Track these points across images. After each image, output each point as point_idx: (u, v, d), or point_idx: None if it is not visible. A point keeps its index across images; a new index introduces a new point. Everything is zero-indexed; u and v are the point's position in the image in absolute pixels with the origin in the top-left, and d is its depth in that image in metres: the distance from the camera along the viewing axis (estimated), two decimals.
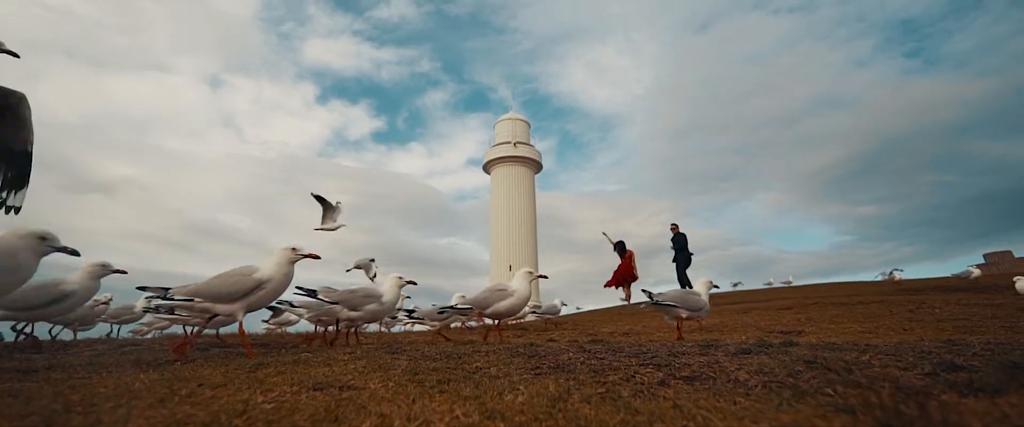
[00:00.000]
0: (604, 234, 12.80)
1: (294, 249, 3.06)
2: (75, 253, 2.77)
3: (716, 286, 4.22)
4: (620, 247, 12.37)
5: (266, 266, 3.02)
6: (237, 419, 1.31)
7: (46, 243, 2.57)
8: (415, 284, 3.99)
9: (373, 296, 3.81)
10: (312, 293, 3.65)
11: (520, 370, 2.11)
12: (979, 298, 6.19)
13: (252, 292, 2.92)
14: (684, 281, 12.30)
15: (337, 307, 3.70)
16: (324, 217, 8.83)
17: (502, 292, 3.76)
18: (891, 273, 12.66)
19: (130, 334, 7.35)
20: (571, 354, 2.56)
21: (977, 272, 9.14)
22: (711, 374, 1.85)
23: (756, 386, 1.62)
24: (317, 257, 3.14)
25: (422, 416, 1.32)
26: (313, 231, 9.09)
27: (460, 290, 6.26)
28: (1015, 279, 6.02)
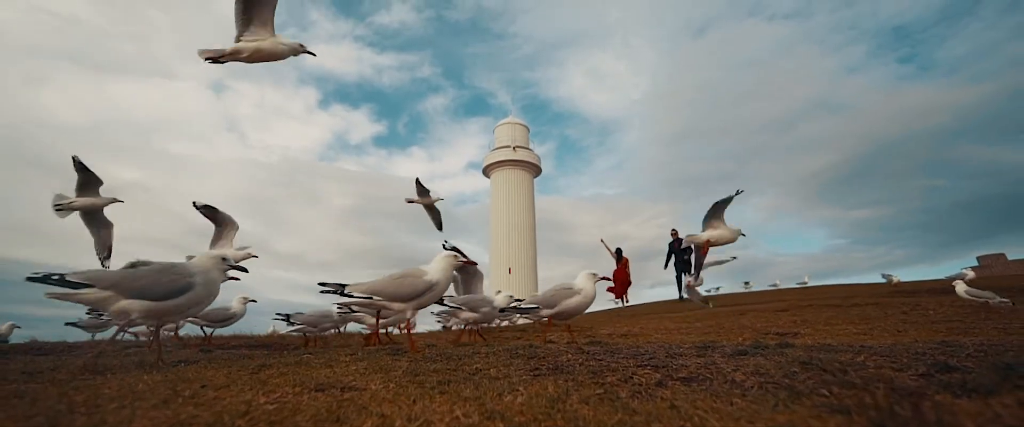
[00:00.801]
0: (602, 242, 12.78)
1: (456, 255, 3.28)
2: (244, 270, 3.21)
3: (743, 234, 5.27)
4: (618, 253, 12.41)
5: (433, 270, 3.20)
6: (240, 420, 1.31)
7: (226, 263, 3.00)
8: (521, 301, 4.26)
9: (488, 301, 4.18)
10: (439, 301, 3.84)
11: (519, 371, 2.11)
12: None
13: (423, 293, 3.13)
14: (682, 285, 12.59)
15: (462, 310, 3.96)
16: (419, 192, 8.82)
17: (569, 291, 3.76)
18: (890, 277, 12.67)
19: (133, 336, 7.32)
20: (570, 355, 2.56)
21: (971, 274, 9.12)
22: (708, 375, 1.85)
23: (752, 387, 1.62)
24: (475, 263, 3.42)
25: (423, 417, 1.32)
26: (405, 203, 9.12)
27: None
28: (954, 283, 6.08)
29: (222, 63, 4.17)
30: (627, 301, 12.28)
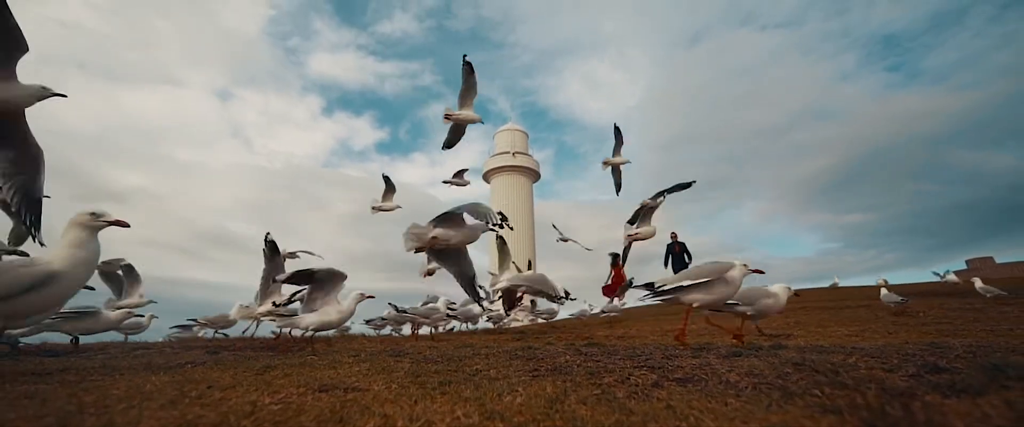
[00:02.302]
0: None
1: (745, 264, 3.56)
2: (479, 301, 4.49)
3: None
4: (616, 258, 12.39)
5: (736, 266, 3.51)
6: (245, 420, 1.30)
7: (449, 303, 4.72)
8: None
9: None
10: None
11: (519, 372, 2.11)
12: (961, 302, 6.19)
13: (722, 284, 3.39)
14: None
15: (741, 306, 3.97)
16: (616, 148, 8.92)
17: (767, 292, 3.80)
18: (884, 281, 12.75)
19: (169, 337, 7.45)
20: (568, 357, 2.56)
21: (954, 278, 9.12)
22: (703, 376, 1.85)
23: (746, 387, 1.62)
24: (762, 272, 3.64)
25: (424, 417, 1.32)
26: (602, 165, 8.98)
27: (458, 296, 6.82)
28: (880, 287, 6.77)
29: (448, 122, 6.12)
30: (623, 301, 12.22)
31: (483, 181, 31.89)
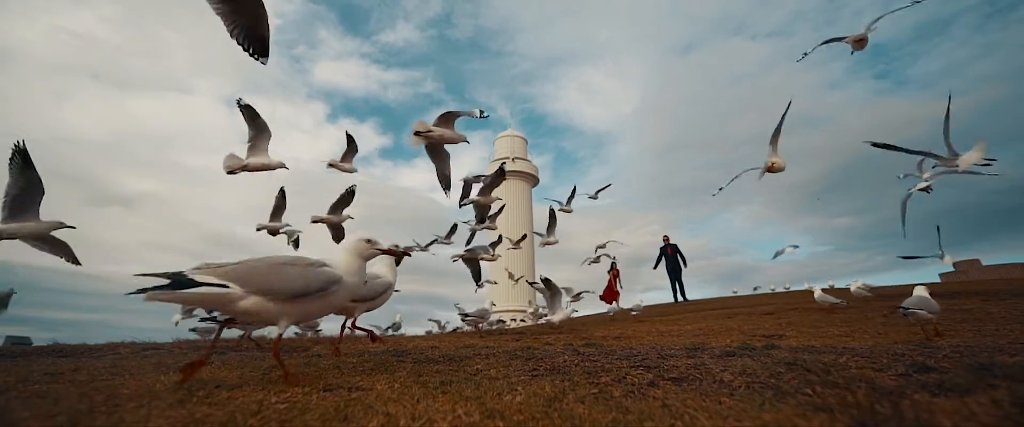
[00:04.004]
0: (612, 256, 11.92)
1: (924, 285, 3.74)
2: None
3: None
4: (613, 264, 12.46)
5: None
6: (252, 418, 1.30)
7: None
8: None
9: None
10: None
11: (518, 372, 2.10)
12: (950, 303, 6.17)
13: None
14: (678, 288, 12.69)
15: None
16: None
17: (928, 297, 3.86)
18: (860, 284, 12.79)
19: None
20: (566, 357, 2.56)
21: (924, 291, 8.85)
22: (698, 376, 1.85)
23: (740, 387, 1.62)
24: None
25: (426, 415, 1.31)
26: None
27: (461, 300, 6.98)
28: (814, 289, 6.68)
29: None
30: (619, 305, 12.28)
31: None
